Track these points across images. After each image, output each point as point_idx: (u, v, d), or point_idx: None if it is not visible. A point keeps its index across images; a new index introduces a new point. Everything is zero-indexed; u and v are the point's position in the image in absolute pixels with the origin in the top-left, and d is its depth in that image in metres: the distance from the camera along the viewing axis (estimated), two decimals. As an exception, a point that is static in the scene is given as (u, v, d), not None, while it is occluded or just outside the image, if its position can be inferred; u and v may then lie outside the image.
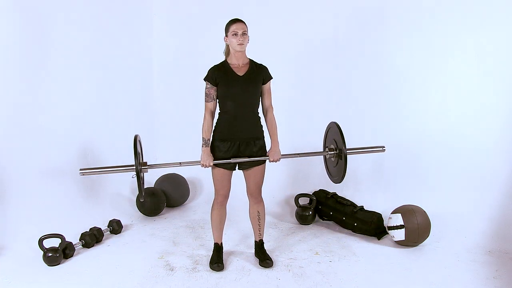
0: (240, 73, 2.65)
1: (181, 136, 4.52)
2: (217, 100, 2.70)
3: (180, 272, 2.78)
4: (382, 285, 2.61)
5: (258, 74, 2.69)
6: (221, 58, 2.76)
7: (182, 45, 4.50)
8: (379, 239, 3.28)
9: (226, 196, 2.81)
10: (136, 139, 2.70)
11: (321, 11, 4.06)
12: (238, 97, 2.65)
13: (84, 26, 3.80)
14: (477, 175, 3.62)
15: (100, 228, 3.30)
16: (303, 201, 3.83)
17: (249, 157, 2.69)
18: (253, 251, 3.01)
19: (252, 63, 2.72)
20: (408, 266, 2.84)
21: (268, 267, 2.82)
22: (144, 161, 2.79)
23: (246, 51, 2.69)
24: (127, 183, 4.13)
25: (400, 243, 3.13)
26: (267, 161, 2.75)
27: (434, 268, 2.82)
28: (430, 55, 3.76)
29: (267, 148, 2.78)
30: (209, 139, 2.69)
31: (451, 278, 2.67)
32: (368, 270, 2.80)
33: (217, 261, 2.83)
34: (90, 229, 3.26)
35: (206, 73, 2.68)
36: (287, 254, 3.04)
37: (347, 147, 2.74)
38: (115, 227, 3.45)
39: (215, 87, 2.66)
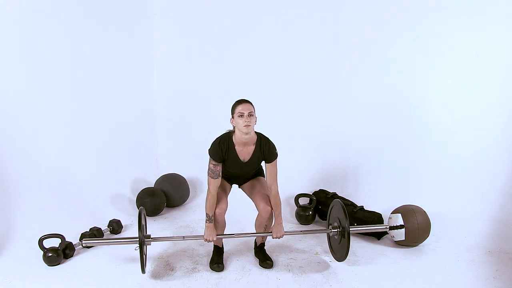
0: (244, 158, 2.63)
1: (181, 138, 4.52)
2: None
3: (180, 272, 2.78)
4: (382, 285, 2.61)
5: (262, 157, 2.67)
6: (223, 58, 2.73)
7: (182, 45, 4.50)
8: (379, 239, 3.28)
9: (224, 209, 2.73)
10: (140, 213, 2.70)
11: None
12: (237, 173, 2.75)
13: (83, 26, 3.80)
14: (477, 175, 3.62)
15: (100, 228, 3.30)
16: (303, 201, 3.83)
17: (250, 235, 2.81)
18: (253, 251, 3.01)
19: (257, 145, 2.63)
20: (408, 266, 2.84)
21: (268, 268, 2.82)
22: (148, 233, 2.82)
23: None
24: (127, 183, 4.13)
25: (400, 243, 3.13)
26: (271, 237, 2.77)
27: (434, 268, 2.82)
28: (430, 55, 3.75)
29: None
30: (212, 215, 2.67)
31: (451, 278, 2.67)
32: (368, 270, 2.80)
33: (217, 261, 2.83)
34: (90, 229, 3.26)
35: (210, 149, 2.60)
36: (287, 254, 3.04)
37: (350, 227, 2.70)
38: (115, 227, 3.45)
39: (221, 164, 2.62)
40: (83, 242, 2.75)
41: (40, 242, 2.88)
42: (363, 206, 3.53)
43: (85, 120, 3.83)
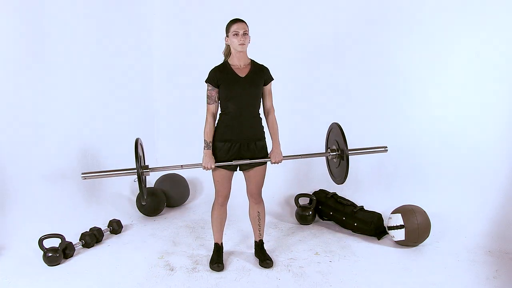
0: (242, 74, 2.64)
1: (181, 138, 4.52)
2: (219, 101, 2.70)
3: (180, 272, 2.78)
4: (382, 285, 2.61)
5: (260, 76, 2.68)
6: (222, 58, 2.75)
7: (183, 45, 4.50)
8: (379, 239, 3.28)
9: (227, 197, 2.81)
10: (137, 143, 2.69)
11: (323, 10, 4.06)
12: (239, 99, 2.63)
13: (83, 26, 3.80)
14: (477, 175, 3.62)
15: (100, 228, 3.30)
16: (303, 201, 3.83)
17: (250, 159, 2.69)
18: (253, 251, 3.01)
19: (253, 63, 2.70)
20: (408, 266, 2.84)
21: (268, 267, 2.82)
22: (145, 164, 2.78)
23: (247, 52, 2.67)
24: (127, 183, 4.13)
25: (400, 243, 3.13)
26: (268, 162, 2.74)
27: (434, 268, 2.82)
28: (430, 55, 3.75)
29: (268, 149, 2.78)
30: (210, 142, 2.67)
31: (451, 278, 2.67)
32: (368, 270, 2.80)
33: (217, 261, 2.83)
34: (90, 229, 3.26)
35: (207, 75, 2.66)
36: (287, 254, 3.04)
37: (349, 148, 2.74)
38: (115, 227, 3.45)
39: (216, 89, 2.64)
40: (82, 175, 2.69)
41: (40, 242, 2.88)
42: (363, 206, 3.53)
43: (85, 120, 3.83)
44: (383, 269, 2.80)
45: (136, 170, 2.63)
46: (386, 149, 2.92)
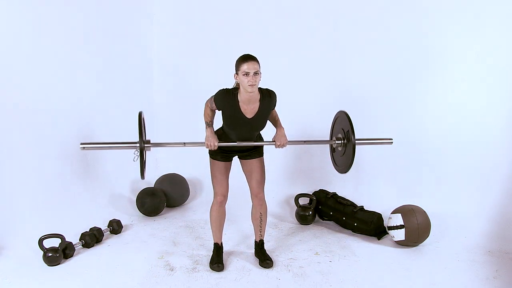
0: (249, 115, 2.56)
1: (181, 137, 4.49)
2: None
3: (180, 272, 2.78)
4: (382, 285, 2.61)
5: (267, 112, 2.61)
6: (222, 59, 2.73)
7: (182, 45, 4.50)
8: (379, 239, 3.28)
9: (225, 196, 2.81)
10: (140, 116, 2.65)
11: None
12: (242, 133, 2.64)
13: (83, 26, 3.80)
14: (477, 175, 3.62)
15: (100, 228, 3.30)
16: (303, 201, 3.83)
17: (252, 143, 2.67)
18: (253, 251, 3.01)
19: (261, 98, 2.55)
20: (408, 266, 2.84)
21: (268, 268, 2.82)
22: (147, 139, 2.70)
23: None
24: (127, 183, 4.13)
25: (400, 243, 3.13)
26: (273, 147, 2.70)
27: (434, 268, 2.82)
28: (430, 54, 3.76)
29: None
30: (211, 121, 2.64)
31: (451, 278, 2.67)
32: (368, 270, 2.80)
33: (217, 261, 2.83)
34: (90, 229, 3.26)
35: (217, 94, 2.55)
36: (287, 254, 3.04)
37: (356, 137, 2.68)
38: (115, 227, 3.45)
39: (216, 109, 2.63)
40: (81, 145, 2.61)
41: (40, 242, 2.87)
42: (363, 206, 3.53)
43: (84, 120, 3.83)
44: (383, 269, 2.80)
45: (138, 144, 2.57)
46: (391, 141, 2.89)
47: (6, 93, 3.24)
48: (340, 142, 2.83)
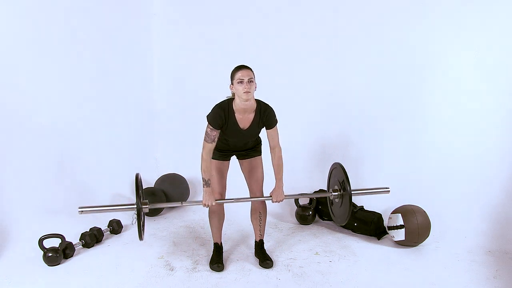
0: (243, 125, 2.58)
1: (181, 137, 4.52)
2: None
3: (180, 272, 2.78)
4: (382, 285, 2.61)
5: (262, 123, 2.63)
6: (222, 60, 2.73)
7: (183, 44, 4.50)
8: (379, 239, 3.28)
9: (222, 194, 2.81)
10: (137, 178, 2.68)
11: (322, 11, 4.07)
12: (236, 142, 2.69)
13: (83, 26, 3.80)
14: (477, 175, 3.61)
15: (100, 228, 3.30)
16: (303, 201, 3.83)
17: (250, 199, 2.82)
18: (253, 251, 3.02)
19: (258, 109, 2.58)
20: (408, 266, 2.84)
21: (268, 268, 2.82)
22: (144, 200, 2.74)
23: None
24: (127, 183, 4.13)
25: (400, 243, 3.13)
26: (271, 201, 2.76)
27: (434, 268, 2.82)
28: (429, 56, 3.75)
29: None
30: (209, 179, 2.62)
31: (451, 278, 2.67)
32: (368, 270, 2.80)
33: (217, 261, 2.83)
34: (90, 229, 3.26)
35: (210, 114, 2.55)
36: (287, 254, 3.04)
37: (352, 188, 2.76)
38: (115, 227, 3.45)
39: (218, 130, 2.57)
40: (79, 209, 2.62)
41: (40, 242, 2.88)
42: (363, 206, 3.53)
43: (84, 120, 3.83)
44: (383, 269, 2.80)
45: (135, 205, 2.61)
46: (388, 190, 2.96)
47: (7, 94, 3.25)
48: (336, 193, 2.91)
